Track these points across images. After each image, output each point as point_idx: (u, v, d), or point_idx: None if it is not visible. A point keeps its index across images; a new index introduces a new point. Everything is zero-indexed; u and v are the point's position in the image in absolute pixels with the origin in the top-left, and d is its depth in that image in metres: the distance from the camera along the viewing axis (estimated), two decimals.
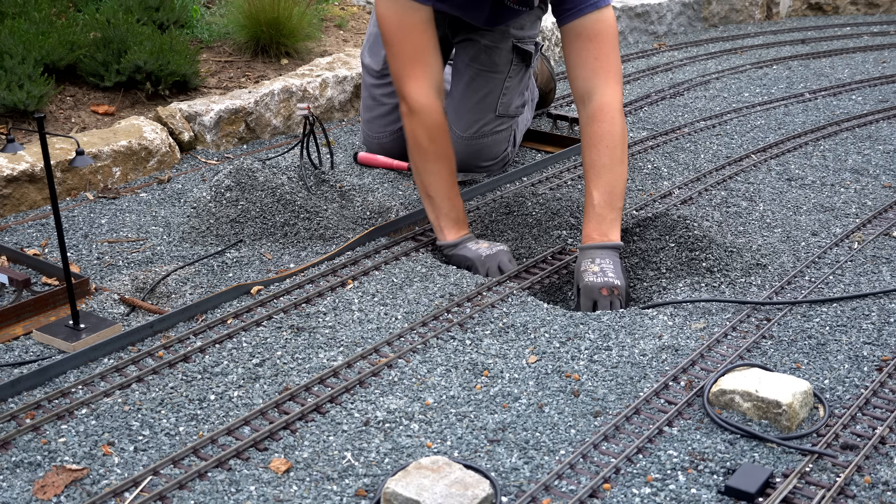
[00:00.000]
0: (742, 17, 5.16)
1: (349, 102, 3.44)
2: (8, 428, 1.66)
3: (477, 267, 2.30)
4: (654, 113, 3.55)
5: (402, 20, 2.30)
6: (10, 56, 2.80)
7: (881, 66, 4.21)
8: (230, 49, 3.55)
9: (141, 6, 3.33)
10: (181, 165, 2.92)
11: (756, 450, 1.63)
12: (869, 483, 1.54)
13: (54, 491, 1.50)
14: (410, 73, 2.31)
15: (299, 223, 2.42)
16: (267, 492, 1.52)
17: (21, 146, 1.85)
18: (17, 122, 2.77)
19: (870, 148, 3.16)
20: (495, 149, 2.84)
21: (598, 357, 1.91)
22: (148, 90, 3.07)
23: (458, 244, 2.34)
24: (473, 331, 2.01)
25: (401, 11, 2.29)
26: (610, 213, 2.22)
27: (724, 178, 2.87)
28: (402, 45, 2.31)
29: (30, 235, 2.42)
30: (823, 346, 1.96)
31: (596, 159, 2.26)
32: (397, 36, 2.31)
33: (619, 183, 2.24)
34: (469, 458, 1.60)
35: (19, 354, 1.90)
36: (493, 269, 2.28)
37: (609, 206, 2.22)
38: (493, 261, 2.29)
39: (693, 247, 2.35)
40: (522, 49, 2.78)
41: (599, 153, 2.26)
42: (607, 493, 1.52)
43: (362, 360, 1.89)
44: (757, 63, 4.23)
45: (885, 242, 2.44)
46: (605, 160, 2.25)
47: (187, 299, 2.12)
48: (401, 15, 2.30)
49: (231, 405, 1.74)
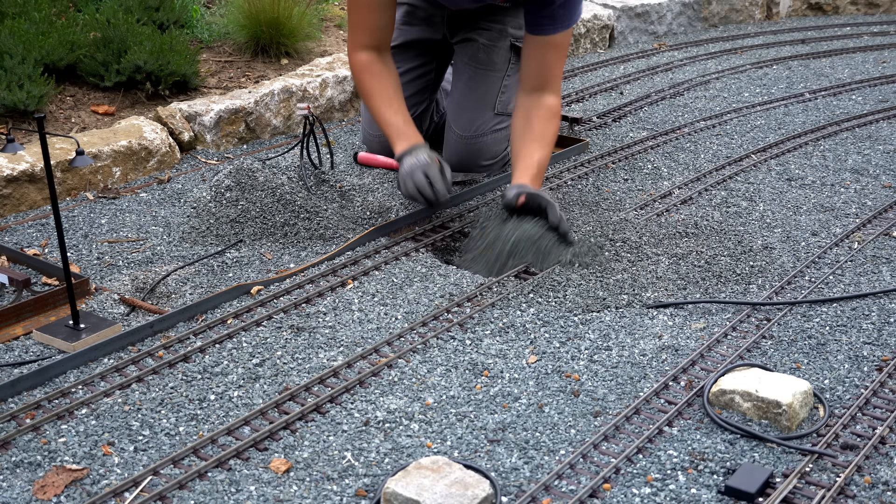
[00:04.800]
0: (742, 17, 5.16)
1: (349, 102, 3.44)
2: (8, 428, 1.66)
3: (397, 178, 2.46)
4: (654, 113, 3.55)
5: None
6: (10, 56, 2.80)
7: (881, 66, 4.21)
8: (230, 49, 3.55)
9: (141, 6, 3.33)
10: (181, 165, 2.92)
11: (756, 450, 1.63)
12: (869, 483, 1.54)
13: (54, 491, 1.50)
14: (350, 38, 2.55)
15: (299, 223, 2.42)
16: (267, 492, 1.52)
17: (21, 146, 1.85)
18: (17, 122, 2.77)
19: (870, 148, 3.16)
20: (495, 148, 2.84)
21: (598, 357, 1.91)
22: (148, 90, 3.07)
23: (402, 155, 2.46)
24: (473, 331, 2.01)
25: None
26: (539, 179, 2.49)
27: (724, 178, 2.87)
28: (351, 14, 2.52)
29: (30, 235, 2.42)
30: (823, 346, 1.96)
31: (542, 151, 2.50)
32: (351, 5, 2.52)
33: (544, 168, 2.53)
34: (469, 458, 1.60)
35: (19, 354, 1.90)
36: (409, 187, 2.41)
37: (539, 176, 2.49)
38: (408, 179, 2.42)
39: (693, 247, 2.36)
40: (520, 48, 2.78)
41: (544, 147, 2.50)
42: (607, 493, 1.52)
43: (362, 360, 1.89)
44: (757, 63, 4.23)
45: (885, 242, 2.44)
46: (548, 138, 2.53)
47: (187, 299, 2.12)
48: None
49: (231, 405, 1.74)
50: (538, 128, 2.50)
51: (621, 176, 2.89)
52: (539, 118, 2.51)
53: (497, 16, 2.75)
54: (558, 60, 2.54)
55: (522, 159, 2.47)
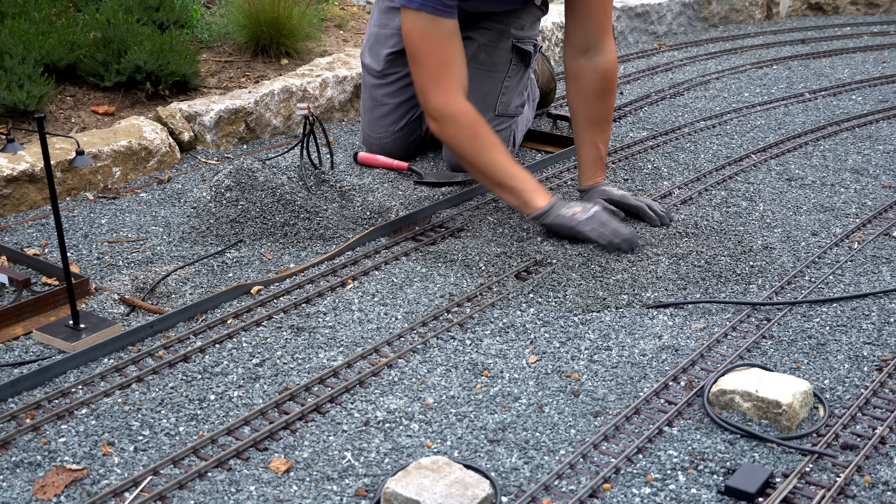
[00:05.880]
0: (742, 17, 5.16)
1: (349, 102, 3.44)
2: (8, 428, 1.66)
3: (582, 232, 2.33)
4: (654, 113, 3.55)
5: (427, 33, 2.30)
6: (10, 56, 2.80)
7: (881, 66, 4.21)
8: (230, 49, 3.55)
9: (141, 6, 3.33)
10: (181, 165, 2.92)
11: (756, 450, 1.63)
12: (869, 483, 1.54)
13: (54, 491, 1.50)
14: (437, 84, 2.33)
15: (299, 223, 2.42)
16: (267, 492, 1.52)
17: (21, 146, 1.85)
18: (17, 122, 2.77)
19: (870, 148, 3.16)
20: None
21: (598, 357, 1.91)
22: (148, 90, 3.07)
23: (549, 210, 2.36)
24: (473, 331, 2.01)
25: (424, 25, 2.30)
26: (605, 161, 2.63)
27: (724, 178, 2.87)
28: (427, 58, 2.32)
29: (30, 235, 2.42)
30: (823, 346, 1.96)
31: (605, 113, 2.57)
32: (423, 48, 2.32)
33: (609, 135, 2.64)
34: (469, 458, 1.60)
35: (19, 354, 1.90)
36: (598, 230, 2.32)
37: (605, 157, 2.62)
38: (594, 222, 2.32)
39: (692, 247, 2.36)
40: (522, 49, 2.78)
41: (607, 107, 2.56)
42: (607, 493, 1.52)
43: (362, 360, 1.89)
44: (757, 63, 4.23)
45: (885, 242, 2.44)
46: (609, 115, 2.58)
47: (187, 299, 2.12)
48: (425, 29, 2.30)
49: (231, 405, 1.74)
50: (598, 108, 2.54)
51: (621, 176, 2.89)
52: (596, 93, 2.52)
53: (500, 16, 2.75)
54: (605, 5, 2.45)
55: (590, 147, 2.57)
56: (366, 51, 2.94)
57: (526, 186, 2.37)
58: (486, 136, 2.36)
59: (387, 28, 2.85)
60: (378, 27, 2.88)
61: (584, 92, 2.55)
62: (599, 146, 2.59)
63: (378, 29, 2.88)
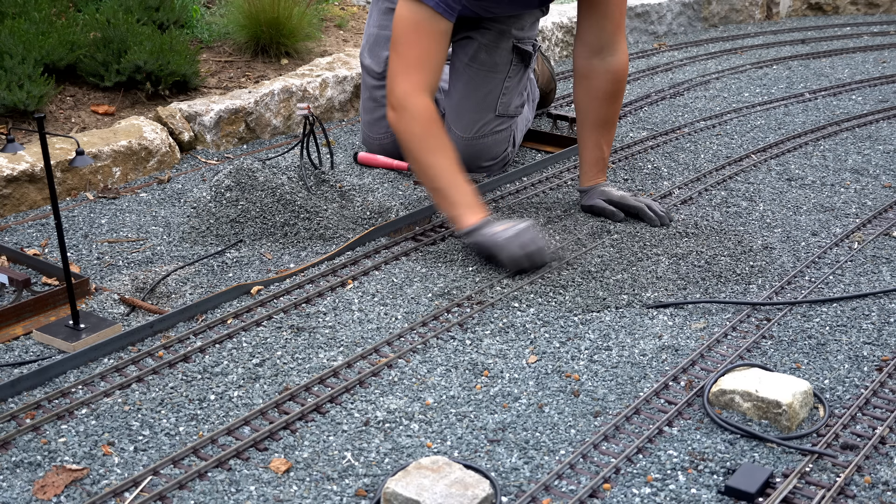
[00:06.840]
0: (742, 17, 5.16)
1: (349, 102, 3.44)
2: (8, 428, 1.66)
3: (497, 255, 2.20)
4: (654, 113, 3.55)
5: (420, 25, 2.28)
6: (10, 56, 2.80)
7: (881, 66, 4.21)
8: (230, 49, 3.55)
9: (141, 6, 3.33)
10: (181, 165, 2.92)
11: (756, 450, 1.63)
12: (869, 483, 1.54)
13: (54, 491, 1.50)
14: (408, 75, 2.29)
15: (299, 223, 2.42)
16: (267, 492, 1.52)
17: (21, 146, 1.85)
18: (17, 122, 2.77)
19: (870, 148, 3.16)
20: (495, 149, 2.84)
21: (598, 357, 1.91)
22: (148, 90, 3.07)
23: (475, 229, 2.25)
24: (473, 331, 2.01)
25: (420, 17, 2.28)
26: (607, 162, 2.66)
27: (724, 178, 2.87)
28: (409, 48, 2.29)
29: (30, 235, 2.42)
30: (823, 346, 1.96)
31: (612, 115, 2.58)
32: (409, 37, 2.29)
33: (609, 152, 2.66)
34: (469, 458, 1.60)
35: (19, 354, 1.90)
36: (513, 253, 2.18)
37: (608, 158, 2.66)
38: (513, 244, 2.19)
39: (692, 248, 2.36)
40: (522, 49, 2.78)
41: (615, 109, 2.57)
42: (607, 493, 1.52)
43: (362, 360, 1.89)
44: (757, 63, 4.23)
45: (885, 242, 2.44)
46: (616, 118, 2.60)
47: (187, 299, 2.12)
48: (419, 21, 2.28)
49: (231, 405, 1.74)
50: (606, 110, 2.54)
51: (621, 176, 2.89)
52: (606, 94, 2.52)
53: (501, 16, 2.75)
54: (621, 4, 2.43)
55: (594, 149, 2.59)
56: (365, 52, 2.93)
57: (461, 200, 2.27)
58: (438, 137, 2.30)
59: (387, 30, 2.84)
60: (378, 28, 2.87)
61: (593, 93, 2.54)
62: (603, 148, 2.59)
63: (378, 30, 2.87)
